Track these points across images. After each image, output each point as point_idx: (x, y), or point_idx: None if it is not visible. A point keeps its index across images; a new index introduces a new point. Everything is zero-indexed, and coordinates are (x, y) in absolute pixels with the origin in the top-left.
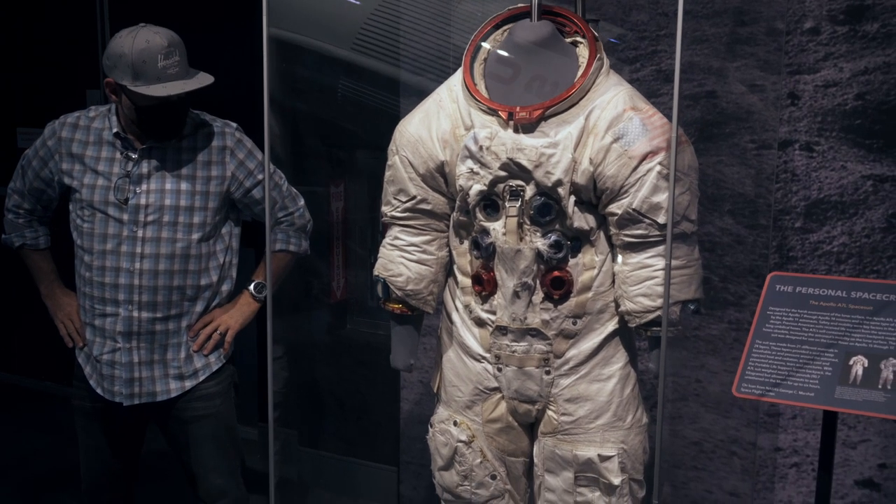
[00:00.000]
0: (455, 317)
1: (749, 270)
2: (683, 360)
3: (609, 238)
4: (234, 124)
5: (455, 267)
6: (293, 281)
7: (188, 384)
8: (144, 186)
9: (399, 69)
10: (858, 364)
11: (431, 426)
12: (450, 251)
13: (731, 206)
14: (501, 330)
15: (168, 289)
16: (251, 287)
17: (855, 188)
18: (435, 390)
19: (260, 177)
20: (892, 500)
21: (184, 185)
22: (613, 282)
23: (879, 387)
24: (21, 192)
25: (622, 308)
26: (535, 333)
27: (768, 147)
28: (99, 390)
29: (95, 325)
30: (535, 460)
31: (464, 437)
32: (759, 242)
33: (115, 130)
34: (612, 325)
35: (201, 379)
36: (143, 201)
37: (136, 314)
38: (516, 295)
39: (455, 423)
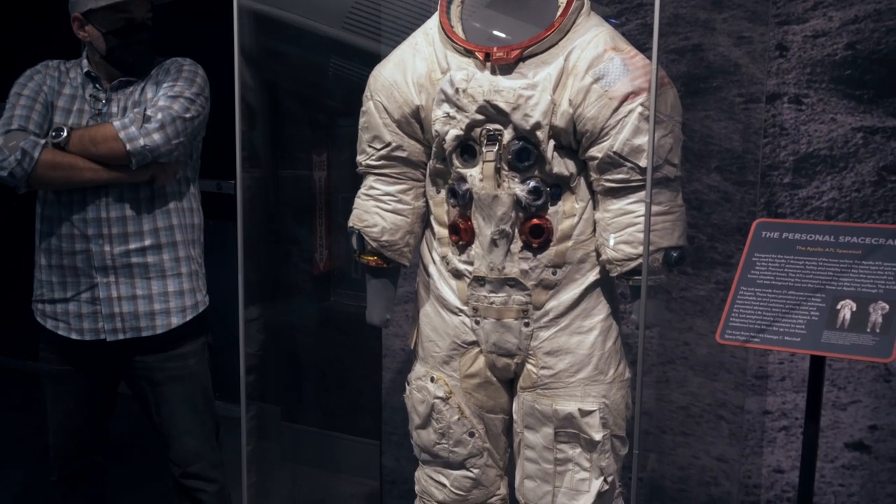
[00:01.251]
0: (432, 269)
1: (737, 228)
2: (670, 321)
3: (590, 185)
4: (192, 60)
5: (432, 217)
6: (274, 252)
7: (175, 321)
8: None
9: (380, 43)
10: (846, 308)
11: (408, 384)
12: (426, 201)
13: (719, 162)
14: (479, 281)
15: (137, 218)
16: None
17: (845, 141)
18: (412, 347)
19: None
20: (882, 462)
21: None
22: (594, 230)
23: (868, 330)
24: (22, 117)
25: (603, 257)
26: (514, 284)
27: (756, 101)
28: (74, 335)
29: (65, 264)
30: (515, 417)
31: (441, 394)
32: (747, 199)
33: (85, 70)
34: (592, 276)
35: (189, 318)
36: None
37: (107, 248)
38: (494, 243)
39: (432, 380)
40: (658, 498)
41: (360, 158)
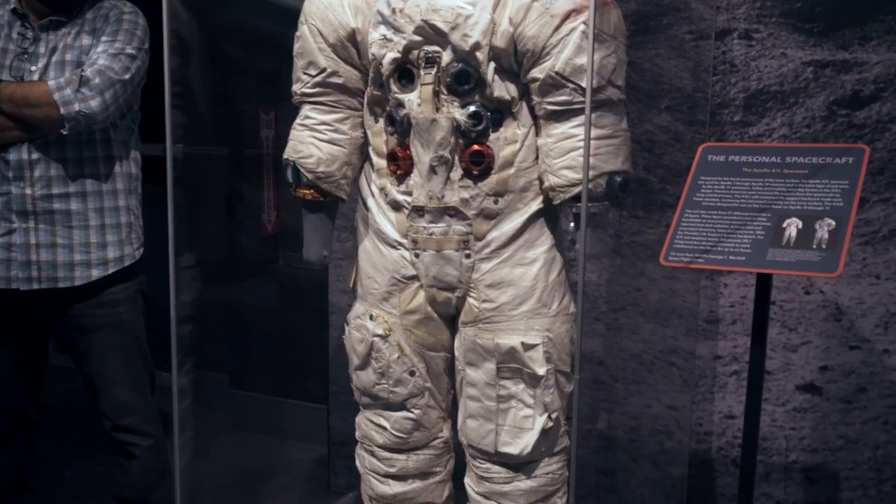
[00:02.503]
0: (371, 203)
1: (687, 170)
2: (621, 267)
3: (532, 110)
4: (132, 5)
5: (370, 149)
6: (220, 213)
7: (96, 273)
8: (40, 64)
9: None
10: (792, 226)
11: (347, 324)
12: (364, 132)
13: (669, 101)
14: (418, 211)
15: (62, 161)
16: None
17: (795, 76)
18: (351, 286)
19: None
20: (833, 403)
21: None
22: (537, 158)
23: (814, 247)
24: None
25: (546, 184)
26: (454, 213)
27: (706, 37)
28: None
29: None
30: (456, 354)
31: (380, 331)
32: (697, 139)
33: (12, 6)
34: (535, 205)
35: (111, 271)
36: (36, 78)
37: (28, 191)
38: (433, 170)
39: (371, 318)
40: (610, 450)
41: (295, 87)
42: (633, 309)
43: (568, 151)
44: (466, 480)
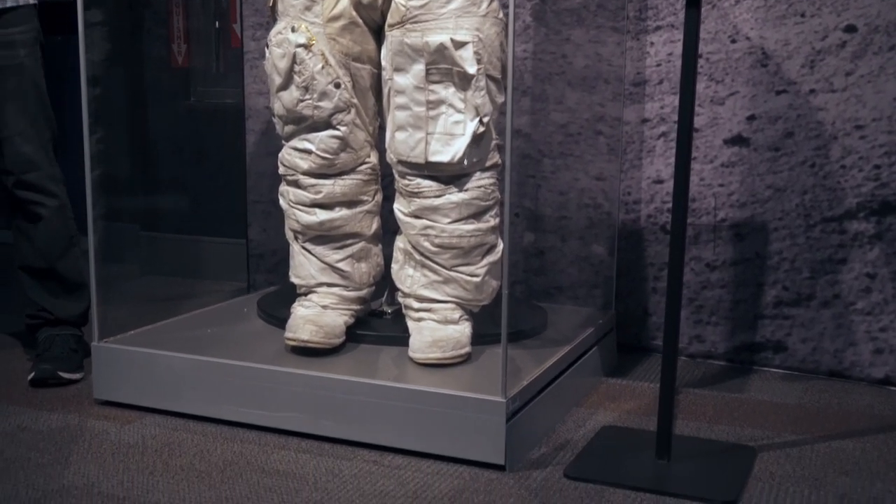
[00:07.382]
0: None
1: None
2: (546, 35)
3: None
4: None
5: None
6: (124, 41)
7: None
8: None
9: None
10: None
11: (267, 46)
12: None
13: None
14: None
15: None
16: None
17: None
18: (270, 6)
19: None
20: (761, 153)
21: None
22: None
23: None
24: None
25: None
26: None
27: None
28: None
29: None
30: (384, 63)
31: (302, 41)
32: None
33: None
34: None
35: (8, 5)
36: None
37: None
38: None
39: (293, 29)
40: (539, 230)
41: None
42: (559, 78)
43: None
44: (396, 206)
